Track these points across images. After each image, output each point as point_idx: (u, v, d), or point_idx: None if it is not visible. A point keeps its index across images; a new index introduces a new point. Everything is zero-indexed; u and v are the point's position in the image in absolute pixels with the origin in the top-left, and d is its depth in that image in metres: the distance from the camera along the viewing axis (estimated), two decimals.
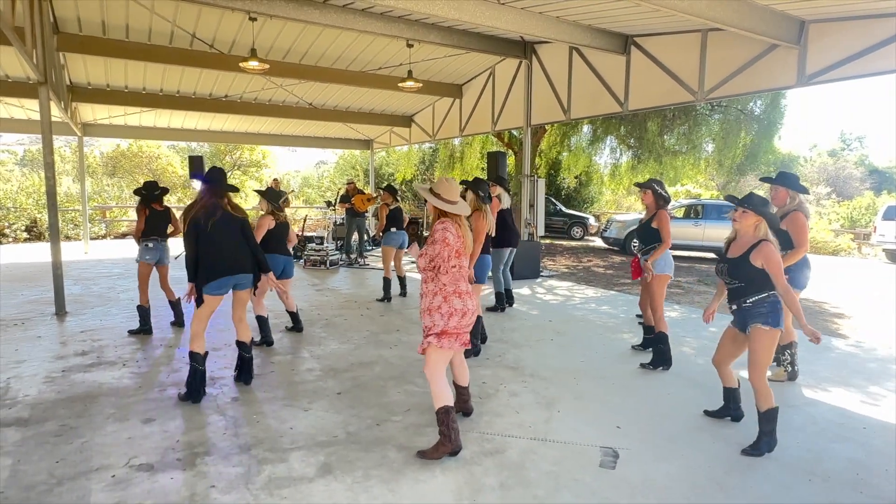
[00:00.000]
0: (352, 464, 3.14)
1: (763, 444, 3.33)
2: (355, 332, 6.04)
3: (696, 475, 3.08)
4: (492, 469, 3.11)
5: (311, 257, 10.94)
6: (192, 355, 4.00)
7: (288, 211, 14.29)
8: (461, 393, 3.75)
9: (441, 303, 3.22)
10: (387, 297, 7.64)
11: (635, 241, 5.16)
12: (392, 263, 7.80)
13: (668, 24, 7.29)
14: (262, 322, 5.48)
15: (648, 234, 4.99)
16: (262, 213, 5.52)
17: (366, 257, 11.80)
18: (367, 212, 11.61)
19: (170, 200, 23.26)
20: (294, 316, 5.99)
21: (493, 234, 5.48)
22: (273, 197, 5.58)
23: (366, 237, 12.04)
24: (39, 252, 12.65)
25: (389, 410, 3.90)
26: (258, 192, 5.79)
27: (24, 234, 16.28)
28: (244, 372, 4.39)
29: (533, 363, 5.02)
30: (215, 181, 4.15)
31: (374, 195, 11.51)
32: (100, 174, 24.01)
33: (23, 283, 8.72)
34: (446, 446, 3.20)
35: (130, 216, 19.40)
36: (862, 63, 5.91)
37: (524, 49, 9.79)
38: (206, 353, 4.09)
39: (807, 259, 4.54)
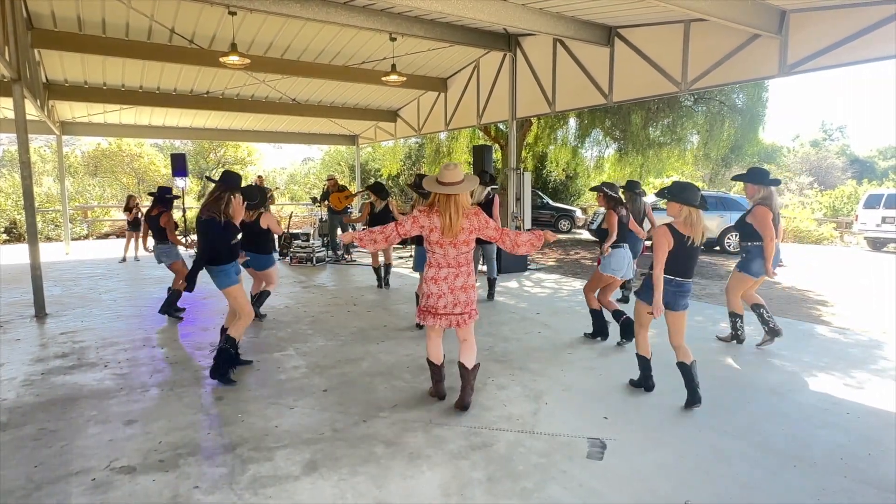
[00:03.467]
0: (338, 461, 3.11)
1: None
2: (342, 328, 5.99)
3: (683, 464, 3.09)
4: (479, 462, 3.09)
5: (297, 254, 10.85)
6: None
7: (273, 208, 14.17)
8: (462, 376, 3.79)
9: (420, 283, 3.77)
10: (382, 285, 8.07)
11: None
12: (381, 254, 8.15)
13: (650, 14, 7.29)
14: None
15: (600, 235, 5.42)
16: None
17: (351, 253, 11.73)
18: (349, 208, 11.50)
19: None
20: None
21: None
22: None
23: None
24: (19, 253, 12.40)
25: (376, 406, 3.87)
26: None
27: (4, 236, 15.99)
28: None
29: (520, 356, 5.01)
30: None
31: (354, 193, 11.40)
32: (81, 174, 23.61)
33: (2, 285, 8.55)
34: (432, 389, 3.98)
35: (112, 216, 19.12)
36: (842, 52, 5.95)
37: (508, 42, 9.74)
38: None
39: (760, 249, 4.98)
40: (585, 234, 18.24)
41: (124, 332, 5.82)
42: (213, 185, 4.44)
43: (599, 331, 5.50)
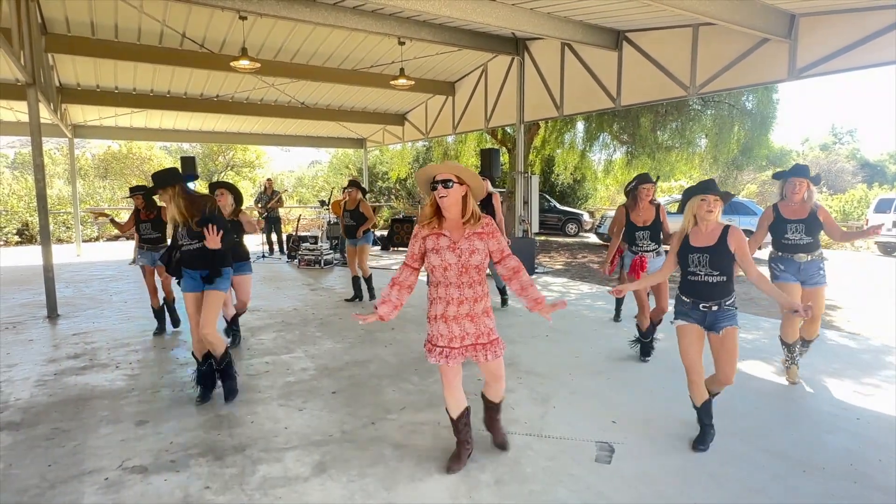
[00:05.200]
0: (347, 463, 3.13)
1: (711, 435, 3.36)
2: (350, 330, 6.02)
3: (691, 468, 3.09)
4: (487, 465, 3.10)
5: (306, 257, 10.91)
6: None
7: (282, 211, 14.24)
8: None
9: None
10: (361, 297, 7.58)
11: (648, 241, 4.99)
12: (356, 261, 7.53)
13: (659, 18, 7.29)
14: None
15: (657, 233, 4.94)
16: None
17: None
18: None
19: None
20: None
21: None
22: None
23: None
24: (31, 255, 12.55)
25: (385, 409, 3.89)
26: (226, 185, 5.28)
27: (16, 238, 16.17)
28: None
29: (528, 359, 5.01)
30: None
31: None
32: (91, 176, 23.85)
33: (14, 287, 8.65)
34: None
35: (123, 218, 19.27)
36: (852, 56, 5.94)
37: (516, 45, 9.77)
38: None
39: None
40: (593, 238, 18.21)
41: (135, 333, 5.88)
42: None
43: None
